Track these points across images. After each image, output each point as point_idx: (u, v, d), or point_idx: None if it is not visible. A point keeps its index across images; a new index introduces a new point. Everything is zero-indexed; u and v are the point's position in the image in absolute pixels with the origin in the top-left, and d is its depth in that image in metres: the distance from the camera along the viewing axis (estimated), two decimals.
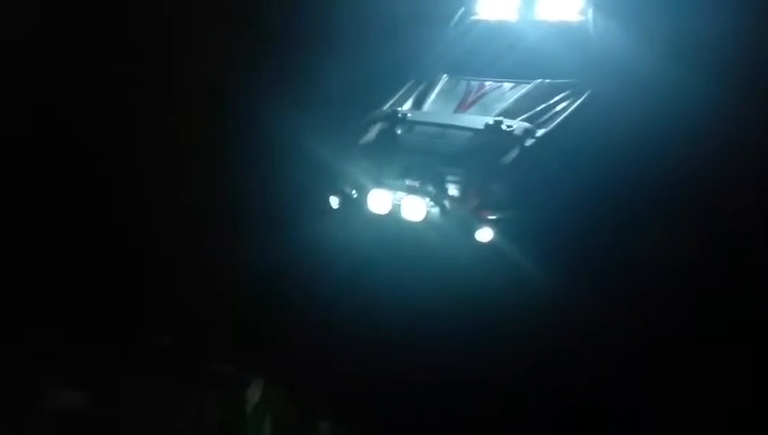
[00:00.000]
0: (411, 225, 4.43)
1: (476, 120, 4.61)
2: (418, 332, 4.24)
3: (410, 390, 3.96)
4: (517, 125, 4.49)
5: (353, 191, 4.71)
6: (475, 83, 5.12)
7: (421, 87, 5.27)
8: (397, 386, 3.98)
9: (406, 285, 4.37)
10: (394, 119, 4.82)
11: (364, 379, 4.08)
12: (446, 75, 5.27)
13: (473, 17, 5.56)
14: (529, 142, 4.45)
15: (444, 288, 4.33)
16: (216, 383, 4.19)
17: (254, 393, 4.15)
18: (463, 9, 5.63)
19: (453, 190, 4.49)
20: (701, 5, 5.14)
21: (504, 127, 4.46)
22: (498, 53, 5.29)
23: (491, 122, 4.48)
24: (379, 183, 4.58)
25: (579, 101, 4.78)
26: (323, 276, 4.64)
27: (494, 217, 4.34)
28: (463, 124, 4.62)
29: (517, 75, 5.04)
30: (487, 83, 5.06)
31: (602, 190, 4.59)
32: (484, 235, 4.31)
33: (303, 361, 4.28)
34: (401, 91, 5.31)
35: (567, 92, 4.86)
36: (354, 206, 4.63)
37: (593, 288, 4.33)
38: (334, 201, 4.75)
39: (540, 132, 4.51)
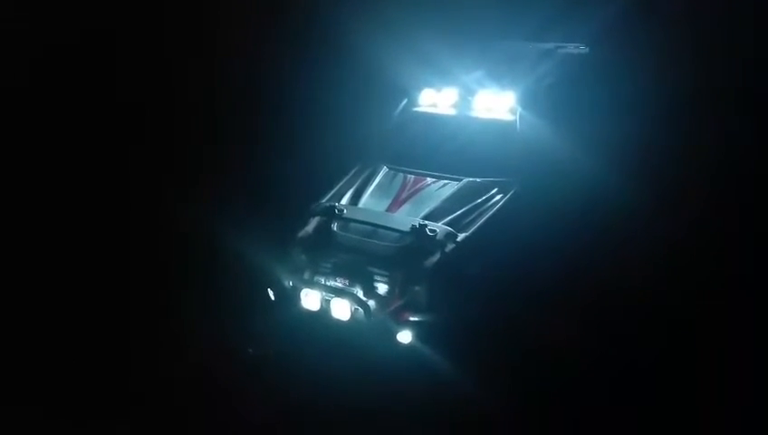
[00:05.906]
0: (339, 323, 4.75)
1: (404, 221, 4.91)
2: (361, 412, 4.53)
3: None
4: (440, 229, 4.80)
5: (290, 284, 5.03)
6: (410, 178, 5.45)
7: (362, 177, 5.60)
8: None
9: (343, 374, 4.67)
10: (331, 214, 5.12)
11: None
12: (385, 167, 5.60)
13: (415, 108, 5.91)
14: (450, 247, 4.75)
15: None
16: None
17: None
18: (406, 100, 5.98)
19: (380, 289, 4.81)
20: (615, 112, 5.54)
21: (427, 231, 4.76)
22: (435, 146, 5.64)
23: (416, 225, 4.79)
24: (311, 282, 4.90)
25: (502, 202, 5.11)
26: (269, 366, 4.96)
27: (415, 320, 4.65)
28: (391, 225, 4.93)
29: (452, 169, 5.38)
30: (422, 180, 5.39)
31: (520, 285, 4.92)
32: (404, 337, 4.62)
33: None
34: (344, 180, 5.63)
35: (493, 191, 5.19)
36: (290, 300, 4.94)
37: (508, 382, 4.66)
38: (272, 294, 5.07)
39: (461, 237, 4.82)
